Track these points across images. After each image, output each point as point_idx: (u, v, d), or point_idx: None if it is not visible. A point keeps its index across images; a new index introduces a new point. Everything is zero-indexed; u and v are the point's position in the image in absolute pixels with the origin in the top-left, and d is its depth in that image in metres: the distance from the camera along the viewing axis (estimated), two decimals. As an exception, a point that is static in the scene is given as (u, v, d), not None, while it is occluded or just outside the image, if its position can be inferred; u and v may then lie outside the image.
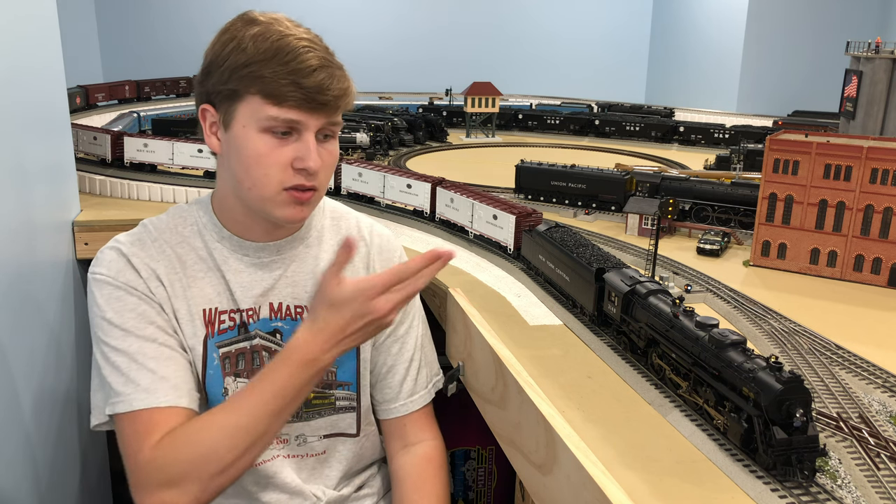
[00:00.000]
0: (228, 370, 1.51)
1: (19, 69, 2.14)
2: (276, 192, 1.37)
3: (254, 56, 1.32)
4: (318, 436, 1.60)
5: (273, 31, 1.34)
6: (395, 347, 1.66)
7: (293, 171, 1.36)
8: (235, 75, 1.33)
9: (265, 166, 1.35)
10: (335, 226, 1.63)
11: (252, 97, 1.33)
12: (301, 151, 1.35)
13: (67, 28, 2.65)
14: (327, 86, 1.33)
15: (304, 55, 1.32)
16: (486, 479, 2.74)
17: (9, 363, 1.94)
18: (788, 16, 6.78)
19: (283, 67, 1.31)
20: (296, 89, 1.31)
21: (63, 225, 2.54)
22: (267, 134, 1.34)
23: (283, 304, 1.53)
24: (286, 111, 1.32)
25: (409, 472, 1.65)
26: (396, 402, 1.67)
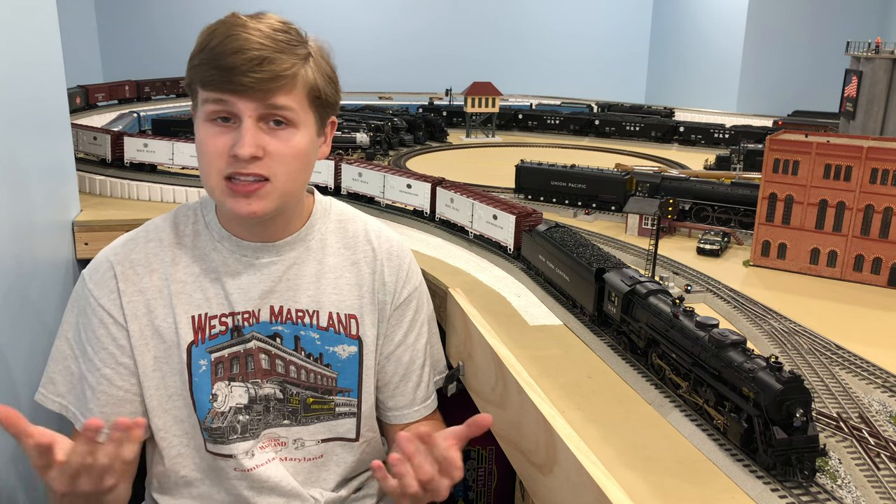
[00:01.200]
0: (221, 375, 1.50)
1: (19, 69, 2.14)
2: (216, 182, 1.36)
3: (196, 48, 1.35)
4: (315, 440, 1.59)
5: (221, 22, 1.35)
6: (407, 356, 1.64)
7: (230, 159, 1.33)
8: (188, 70, 1.38)
9: (206, 154, 1.36)
10: (341, 229, 1.61)
11: (197, 87, 1.36)
12: (236, 138, 1.33)
13: (67, 28, 2.65)
14: (251, 67, 1.28)
15: (230, 38, 1.30)
16: (486, 479, 2.74)
17: (8, 363, 1.94)
18: (788, 16, 6.78)
19: (210, 53, 1.31)
20: (217, 71, 1.30)
21: (63, 225, 2.54)
22: (209, 122, 1.35)
23: (284, 307, 1.52)
24: (211, 94, 1.32)
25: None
26: (412, 409, 1.67)
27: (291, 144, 1.37)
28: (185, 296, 1.48)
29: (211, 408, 1.49)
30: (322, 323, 1.54)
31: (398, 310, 1.62)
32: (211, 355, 1.49)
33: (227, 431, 1.50)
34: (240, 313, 1.50)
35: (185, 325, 1.48)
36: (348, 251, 1.59)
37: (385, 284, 1.60)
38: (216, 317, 1.49)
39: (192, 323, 1.48)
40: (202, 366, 1.49)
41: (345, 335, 1.57)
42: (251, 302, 1.50)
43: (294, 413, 1.56)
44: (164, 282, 1.48)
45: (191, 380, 1.48)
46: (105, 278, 1.48)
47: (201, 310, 1.49)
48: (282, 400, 1.55)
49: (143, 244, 1.51)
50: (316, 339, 1.54)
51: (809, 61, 6.68)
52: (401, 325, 1.63)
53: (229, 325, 1.50)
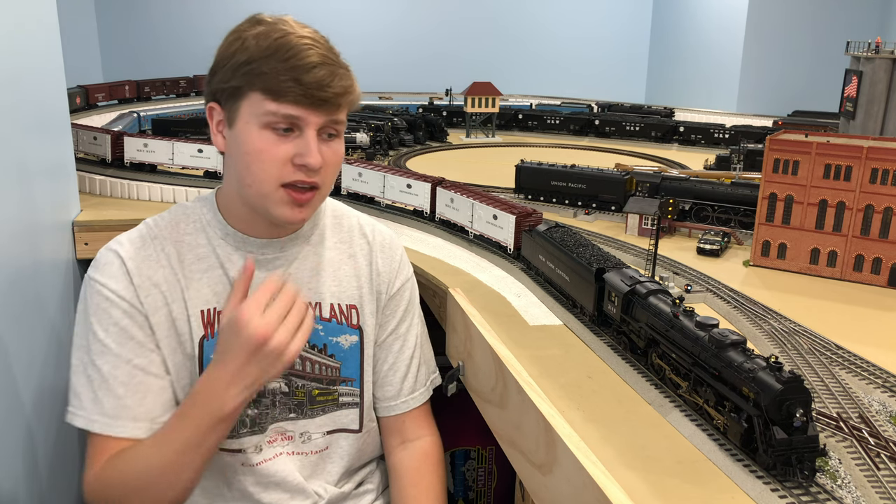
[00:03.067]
0: None
1: (19, 69, 2.15)
2: (273, 189, 1.38)
3: (255, 53, 1.34)
4: (321, 432, 1.61)
5: (276, 29, 1.36)
6: (397, 345, 1.67)
7: (293, 168, 1.37)
8: (238, 73, 1.35)
9: (264, 162, 1.36)
10: (337, 224, 1.65)
11: (253, 94, 1.35)
12: (301, 148, 1.36)
13: (67, 28, 2.65)
14: (327, 82, 1.34)
15: (305, 52, 1.33)
16: (486, 479, 2.74)
17: (9, 363, 1.94)
18: (788, 16, 6.78)
19: (283, 64, 1.32)
20: (295, 84, 1.32)
21: (63, 225, 2.54)
22: (267, 130, 1.35)
23: None
24: (285, 106, 1.33)
25: (407, 468, 1.66)
26: (397, 400, 1.68)
27: (339, 154, 1.45)
28: (195, 290, 1.48)
29: None
30: (325, 314, 1.57)
31: (392, 299, 1.66)
32: None
33: (237, 426, 1.51)
34: None
35: (196, 319, 1.48)
36: (345, 245, 1.63)
37: (380, 274, 1.64)
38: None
39: (202, 317, 1.48)
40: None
41: (346, 325, 1.60)
42: None
43: (300, 406, 1.58)
44: (174, 276, 1.48)
45: (201, 372, 1.48)
46: (120, 272, 1.44)
47: (210, 304, 1.49)
48: (287, 393, 1.56)
49: (150, 241, 1.50)
50: (319, 329, 1.57)
51: (809, 61, 6.67)
52: (394, 314, 1.67)
53: None
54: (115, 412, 1.41)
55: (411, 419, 1.69)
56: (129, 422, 1.42)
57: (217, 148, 1.46)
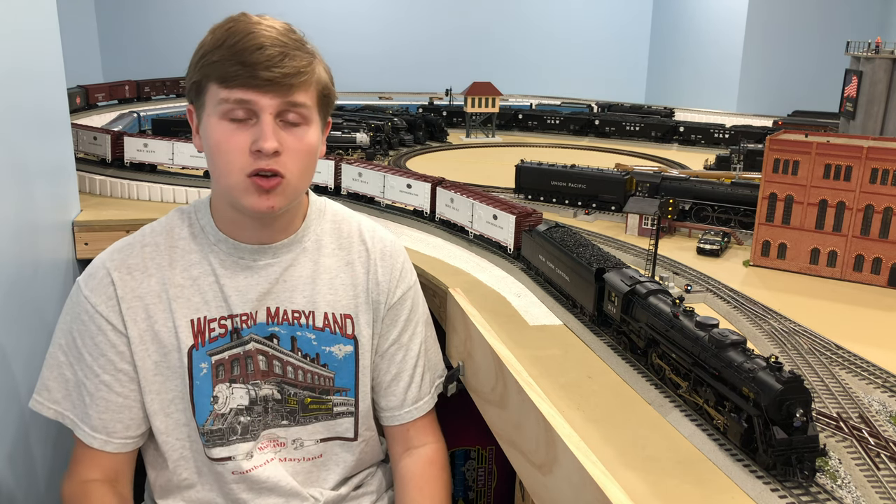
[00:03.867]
0: (222, 377, 1.50)
1: (19, 69, 2.14)
2: (239, 179, 1.36)
3: (208, 46, 1.35)
4: (314, 440, 1.60)
5: (230, 20, 1.36)
6: (399, 355, 1.65)
7: (252, 156, 1.35)
8: (196, 68, 1.37)
9: (225, 152, 1.35)
10: (336, 229, 1.61)
11: (210, 85, 1.35)
12: (257, 134, 1.34)
13: (67, 28, 2.65)
14: (275, 62, 1.31)
15: (251, 35, 1.32)
16: (486, 479, 2.74)
17: (9, 362, 1.94)
18: (788, 16, 6.78)
19: (230, 49, 1.31)
20: (241, 67, 1.31)
21: (63, 225, 2.54)
22: (225, 120, 1.35)
23: (281, 308, 1.52)
24: (235, 91, 1.32)
25: (413, 474, 1.64)
26: (402, 410, 1.66)
27: (305, 141, 1.40)
28: (184, 300, 1.48)
29: (212, 410, 1.49)
30: (318, 323, 1.55)
31: (392, 309, 1.63)
32: (211, 358, 1.49)
33: (226, 433, 1.50)
34: (238, 315, 1.50)
35: (184, 329, 1.47)
36: (343, 251, 1.60)
37: (379, 284, 1.60)
38: (215, 319, 1.49)
39: (192, 326, 1.48)
40: (203, 369, 1.49)
41: (340, 335, 1.57)
42: (248, 304, 1.50)
43: (292, 413, 1.56)
44: (162, 286, 1.48)
45: (192, 383, 1.48)
46: (102, 285, 1.47)
47: (200, 313, 1.49)
48: (280, 400, 1.55)
49: (140, 249, 1.50)
50: (312, 339, 1.55)
51: (809, 61, 6.68)
52: (395, 324, 1.64)
53: (228, 327, 1.50)
54: (80, 417, 1.50)
55: (416, 428, 1.68)
56: (89, 429, 1.49)
57: (197, 149, 1.46)
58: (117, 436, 1.50)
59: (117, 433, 1.49)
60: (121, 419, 1.49)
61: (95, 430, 1.49)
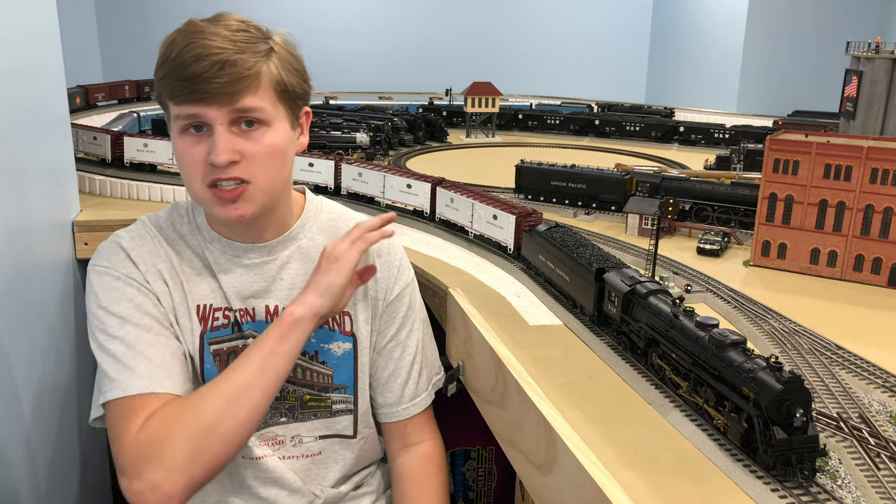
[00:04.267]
0: (220, 368, 1.51)
1: (19, 69, 2.14)
2: (201, 190, 1.36)
3: (159, 62, 1.34)
4: (313, 437, 1.60)
5: (176, 32, 1.34)
6: (397, 352, 1.65)
7: (210, 167, 1.33)
8: (156, 83, 1.37)
9: (186, 165, 1.36)
10: (333, 227, 1.61)
11: (166, 101, 1.36)
12: (210, 145, 1.33)
13: (67, 28, 2.65)
14: (213, 73, 1.27)
15: (188, 47, 1.29)
16: (486, 479, 2.74)
17: (9, 362, 1.94)
18: (788, 16, 6.78)
19: (171, 65, 1.30)
20: (181, 84, 1.29)
21: (63, 225, 2.54)
22: (185, 134, 1.35)
23: (280, 306, 1.53)
24: (183, 107, 1.31)
25: (410, 471, 1.65)
26: (399, 407, 1.66)
27: (266, 144, 1.36)
28: (193, 285, 1.49)
29: None
30: None
31: (390, 306, 1.63)
32: (211, 347, 1.49)
33: None
34: (236, 310, 1.51)
35: (195, 314, 1.48)
36: None
37: (377, 281, 1.61)
38: (220, 309, 1.50)
39: (198, 312, 1.49)
40: (210, 356, 1.50)
41: (339, 332, 1.58)
42: (245, 301, 1.51)
43: (291, 410, 1.57)
44: (173, 270, 1.48)
45: (203, 367, 1.49)
46: (125, 260, 1.44)
47: (206, 300, 1.49)
48: (278, 398, 1.55)
49: (150, 238, 1.50)
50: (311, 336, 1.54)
51: (809, 61, 6.68)
52: (393, 321, 1.64)
53: (231, 319, 1.51)
54: (150, 372, 1.34)
55: (413, 424, 1.68)
56: (167, 378, 1.35)
57: None
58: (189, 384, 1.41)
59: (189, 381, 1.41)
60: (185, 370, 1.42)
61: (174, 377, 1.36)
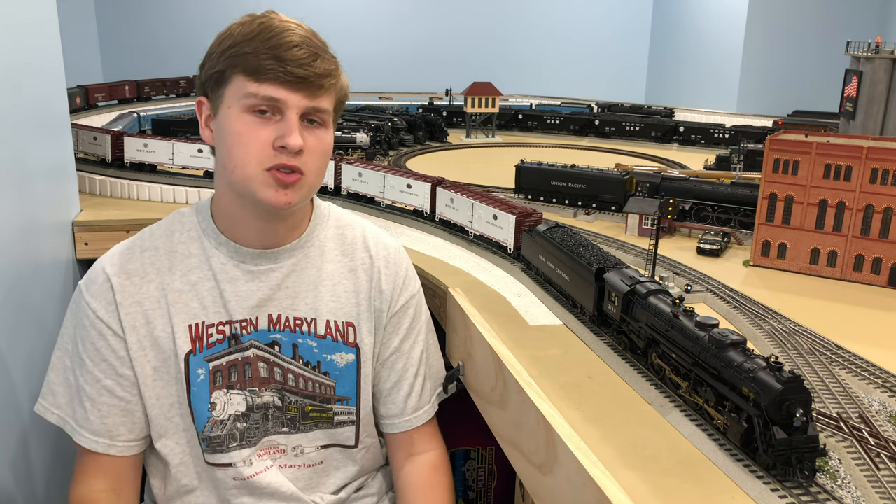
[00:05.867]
0: (220, 383, 1.50)
1: (19, 69, 2.14)
2: (256, 172, 1.36)
3: (238, 38, 1.35)
4: (315, 447, 1.59)
5: (261, 16, 1.37)
6: (400, 363, 1.64)
7: (274, 151, 1.35)
8: (222, 58, 1.36)
9: (245, 144, 1.35)
10: (340, 235, 1.60)
11: (236, 77, 1.34)
12: (282, 130, 1.34)
13: (67, 28, 2.65)
14: (308, 61, 1.33)
15: (286, 32, 1.33)
16: (486, 479, 2.74)
17: (8, 363, 1.94)
18: (788, 16, 6.78)
19: (264, 44, 1.32)
20: (275, 62, 1.31)
21: (63, 225, 2.54)
22: (248, 113, 1.35)
23: (283, 315, 1.51)
24: (265, 87, 1.32)
25: (415, 480, 1.64)
26: (402, 418, 1.65)
27: (324, 142, 1.42)
28: (182, 305, 1.47)
29: (210, 416, 1.49)
30: (320, 331, 1.54)
31: (395, 317, 1.62)
32: (209, 364, 1.49)
33: (226, 439, 1.50)
34: (237, 321, 1.49)
35: (182, 335, 1.47)
36: (346, 258, 1.58)
37: (382, 292, 1.59)
38: (213, 325, 1.48)
39: (190, 332, 1.47)
40: (200, 375, 1.48)
41: (342, 343, 1.56)
42: (249, 310, 1.49)
43: (293, 421, 1.56)
44: (161, 291, 1.47)
45: (189, 389, 1.48)
46: (102, 290, 1.47)
47: (198, 319, 1.48)
48: (280, 408, 1.54)
49: (139, 254, 1.49)
50: (314, 347, 1.54)
51: (809, 61, 6.68)
52: (397, 332, 1.63)
53: (227, 333, 1.49)
54: (81, 423, 1.50)
55: (418, 436, 1.67)
56: (90, 434, 1.49)
57: (206, 142, 1.45)
58: (121, 439, 1.50)
59: (121, 436, 1.50)
60: (124, 423, 1.49)
61: (98, 434, 1.48)
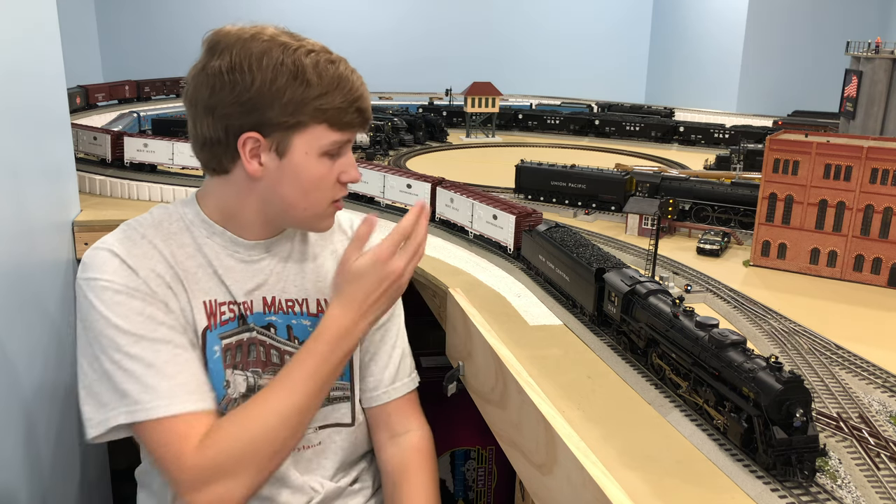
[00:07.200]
0: (229, 362, 1.50)
1: (19, 69, 2.14)
2: (325, 208, 1.48)
3: (320, 89, 1.38)
4: (313, 427, 1.60)
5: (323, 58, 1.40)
6: (378, 335, 1.67)
7: (339, 185, 1.48)
8: (305, 108, 1.37)
9: (324, 189, 1.46)
10: None
11: (317, 126, 1.40)
12: (345, 166, 1.47)
13: (67, 28, 2.65)
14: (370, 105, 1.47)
15: (356, 83, 1.44)
16: (486, 479, 2.74)
17: (9, 363, 1.94)
18: (788, 16, 6.78)
19: (346, 97, 1.41)
20: (358, 116, 1.43)
21: (63, 225, 2.54)
22: (325, 157, 1.43)
23: (277, 298, 1.55)
24: (345, 133, 1.44)
25: (398, 463, 1.65)
26: (379, 390, 1.67)
27: None
28: (193, 282, 1.47)
29: (225, 394, 1.49)
30: (312, 310, 1.58)
31: None
32: (222, 341, 1.50)
33: None
34: (240, 303, 1.52)
35: (199, 310, 1.47)
36: (325, 241, 1.65)
37: None
38: (225, 303, 1.50)
39: (205, 307, 1.48)
40: (215, 352, 1.49)
41: None
42: (246, 293, 1.52)
43: None
44: (171, 270, 1.46)
45: (206, 366, 1.47)
46: (121, 269, 1.40)
47: (210, 295, 1.49)
48: None
49: (139, 239, 1.47)
50: (308, 326, 1.57)
51: (809, 61, 6.67)
52: None
53: (236, 312, 1.51)
54: (173, 391, 1.35)
55: (397, 411, 1.68)
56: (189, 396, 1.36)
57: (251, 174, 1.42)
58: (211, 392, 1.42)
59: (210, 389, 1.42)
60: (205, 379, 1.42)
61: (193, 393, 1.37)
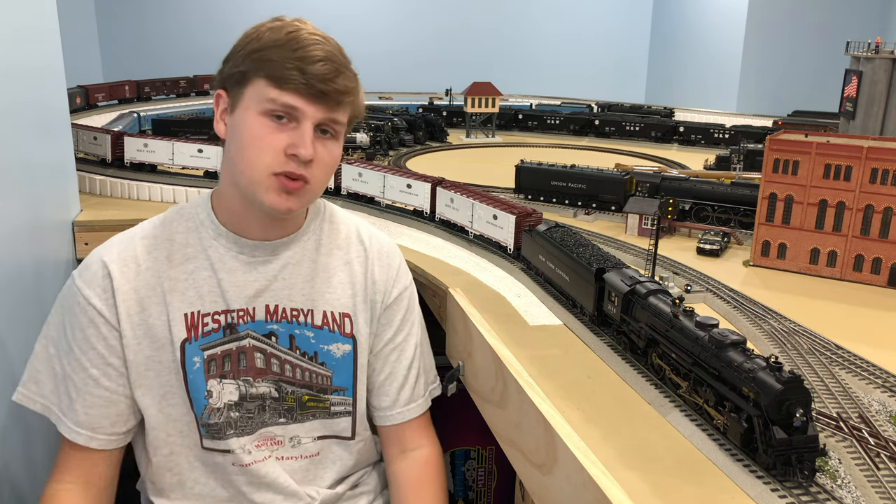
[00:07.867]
0: (214, 372, 1.50)
1: (20, 69, 2.14)
2: (263, 176, 1.39)
3: (266, 42, 1.38)
4: (311, 437, 1.60)
5: (291, 24, 1.41)
6: (394, 355, 1.65)
7: (285, 158, 1.38)
8: (248, 59, 1.39)
9: (258, 149, 1.38)
10: (334, 230, 1.63)
11: (258, 80, 1.38)
12: (295, 138, 1.38)
13: (67, 28, 2.65)
14: (330, 77, 1.37)
15: (313, 45, 1.37)
16: (486, 479, 2.74)
17: (9, 362, 1.94)
18: (788, 16, 6.78)
19: (291, 54, 1.36)
20: (299, 74, 1.35)
21: (63, 225, 2.54)
22: (265, 117, 1.38)
23: (280, 306, 1.53)
24: (286, 95, 1.36)
25: (408, 477, 1.64)
26: (394, 410, 1.66)
27: (333, 154, 1.46)
28: (179, 293, 1.48)
29: (207, 404, 1.50)
30: (317, 321, 1.56)
31: (389, 309, 1.64)
32: (204, 353, 1.50)
33: (223, 427, 1.51)
34: (234, 311, 1.51)
35: (178, 323, 1.48)
36: (341, 251, 1.61)
37: (376, 283, 1.62)
38: (209, 314, 1.50)
39: (185, 320, 1.48)
40: (196, 363, 1.49)
41: (339, 334, 1.58)
42: (246, 300, 1.51)
43: (290, 411, 1.57)
44: (157, 279, 1.48)
45: (185, 377, 1.49)
46: (97, 277, 1.47)
47: (194, 307, 1.49)
48: (277, 398, 1.56)
49: (138, 241, 1.51)
50: (311, 337, 1.55)
51: (809, 61, 6.68)
52: (391, 324, 1.64)
53: (222, 322, 1.50)
54: (66, 412, 1.49)
55: (410, 430, 1.67)
56: (73, 425, 1.48)
57: (218, 135, 1.47)
58: (102, 432, 1.49)
59: (102, 429, 1.49)
60: (107, 415, 1.49)
61: (80, 425, 1.48)
